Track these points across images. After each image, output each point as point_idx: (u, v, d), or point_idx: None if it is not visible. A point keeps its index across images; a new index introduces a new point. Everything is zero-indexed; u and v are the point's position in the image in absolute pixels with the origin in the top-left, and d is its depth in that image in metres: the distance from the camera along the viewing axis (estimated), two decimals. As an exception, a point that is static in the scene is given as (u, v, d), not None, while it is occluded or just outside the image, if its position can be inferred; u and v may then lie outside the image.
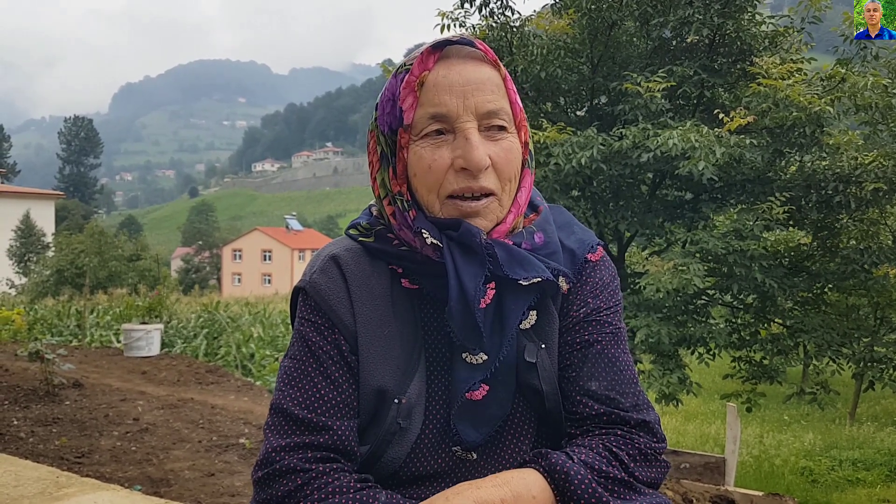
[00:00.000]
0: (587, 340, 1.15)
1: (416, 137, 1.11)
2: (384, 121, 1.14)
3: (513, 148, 1.12)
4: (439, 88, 1.09)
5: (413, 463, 1.12)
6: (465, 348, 1.10)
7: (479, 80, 1.09)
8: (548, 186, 8.44)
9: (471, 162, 1.07)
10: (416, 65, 1.10)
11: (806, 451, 11.22)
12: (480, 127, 1.09)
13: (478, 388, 1.10)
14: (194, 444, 5.14)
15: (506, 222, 1.13)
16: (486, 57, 1.12)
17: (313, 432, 1.07)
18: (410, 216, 1.12)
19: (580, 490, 1.01)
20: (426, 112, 1.09)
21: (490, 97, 1.09)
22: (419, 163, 1.10)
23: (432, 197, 1.11)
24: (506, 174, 1.11)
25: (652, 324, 7.99)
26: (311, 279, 1.16)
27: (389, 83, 1.14)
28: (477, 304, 1.06)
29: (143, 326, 9.79)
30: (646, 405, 1.14)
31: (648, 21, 9.01)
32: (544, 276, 1.10)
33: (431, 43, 1.11)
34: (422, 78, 1.10)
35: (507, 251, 1.10)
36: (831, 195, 8.07)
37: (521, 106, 1.15)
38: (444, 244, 1.08)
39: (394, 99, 1.12)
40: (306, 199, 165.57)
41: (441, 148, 1.09)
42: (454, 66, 1.09)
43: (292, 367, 1.12)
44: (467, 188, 1.09)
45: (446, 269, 1.07)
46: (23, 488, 3.38)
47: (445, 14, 9.27)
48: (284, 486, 1.04)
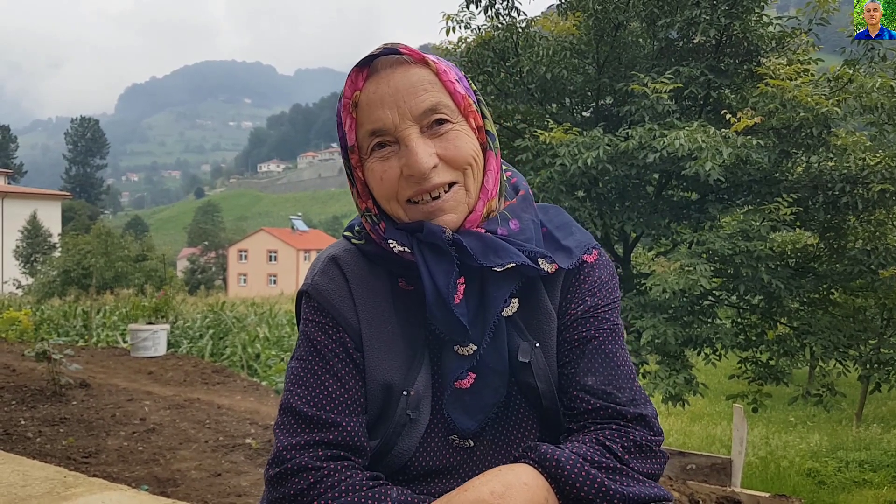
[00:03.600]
0: (584, 337, 1.16)
1: (366, 155, 1.14)
2: (340, 144, 1.18)
3: (460, 136, 1.13)
4: (371, 105, 1.11)
5: (422, 456, 1.14)
6: (456, 341, 1.13)
7: (409, 83, 1.11)
8: (553, 187, 8.43)
9: (413, 168, 1.09)
10: (347, 87, 1.14)
11: (812, 453, 11.19)
12: (423, 128, 1.11)
13: (465, 377, 1.12)
14: (201, 444, 5.15)
15: (476, 210, 1.15)
16: (412, 59, 1.13)
17: (323, 429, 1.09)
18: (381, 228, 1.15)
19: (574, 474, 1.01)
20: (365, 130, 1.12)
21: (423, 96, 1.10)
22: (373, 177, 1.14)
23: (394, 205, 1.14)
24: (459, 164, 1.12)
25: (658, 324, 7.98)
26: (313, 282, 1.18)
27: (336, 108, 1.17)
28: (452, 300, 1.08)
29: (150, 327, 9.80)
30: (643, 400, 1.15)
31: (655, 22, 9.00)
32: (518, 262, 1.11)
33: (357, 62, 1.14)
34: (354, 98, 1.13)
35: (479, 240, 1.12)
36: (838, 196, 8.05)
37: (464, 93, 1.15)
38: (413, 247, 1.11)
39: (340, 123, 1.16)
40: (311, 199, 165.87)
41: (389, 159, 1.12)
42: (383, 78, 1.11)
43: (299, 368, 1.14)
44: (420, 191, 1.11)
45: (419, 270, 1.10)
46: (31, 488, 3.39)
47: (450, 17, 9.28)
48: (297, 485, 1.05)
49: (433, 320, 1.11)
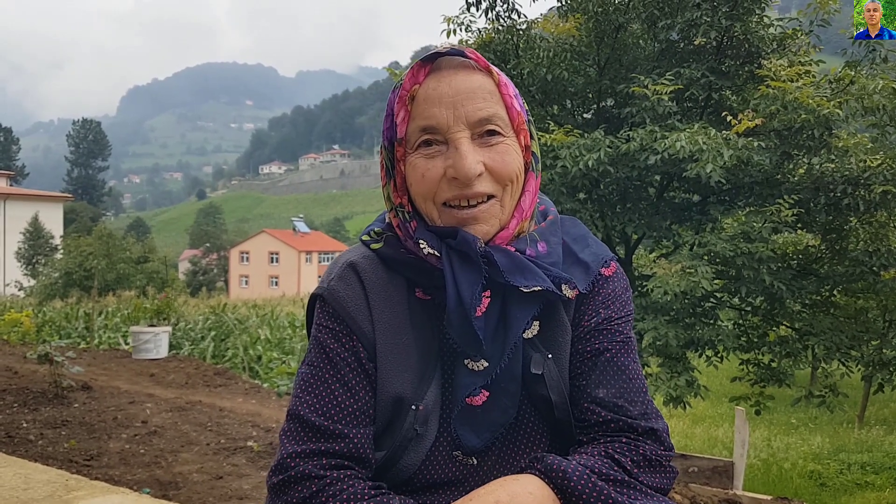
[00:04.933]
0: (597, 349, 1.16)
1: (411, 150, 1.13)
2: (385, 135, 1.17)
3: (509, 151, 1.13)
4: (429, 101, 1.11)
5: (427, 470, 1.13)
6: (467, 355, 1.12)
7: (470, 88, 1.11)
8: (554, 189, 8.43)
9: (460, 171, 1.08)
10: (407, 79, 1.13)
11: (814, 455, 11.18)
12: (474, 135, 1.11)
13: (478, 394, 1.11)
14: (202, 446, 5.15)
15: (509, 227, 1.14)
16: (477, 65, 1.13)
17: (329, 440, 1.08)
18: (412, 227, 1.14)
19: (580, 485, 1.00)
20: (417, 125, 1.12)
21: (481, 104, 1.10)
22: (414, 173, 1.13)
23: (429, 206, 1.13)
24: (503, 177, 1.12)
25: (660, 326, 7.97)
26: (330, 286, 1.16)
27: (389, 98, 1.17)
28: (473, 312, 1.07)
29: (151, 329, 9.82)
30: (655, 414, 1.14)
31: (655, 23, 8.99)
32: (544, 286, 1.10)
33: (422, 57, 1.14)
34: (412, 92, 1.12)
35: (509, 258, 1.11)
36: (840, 198, 8.03)
37: (519, 110, 1.16)
38: (443, 253, 1.10)
39: (391, 114, 1.15)
40: (313, 201, 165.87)
41: (435, 158, 1.11)
42: (444, 77, 1.11)
43: (310, 374, 1.13)
44: (460, 195, 1.10)
45: (444, 277, 1.09)
46: (32, 491, 3.40)
47: (451, 19, 9.27)
48: (299, 493, 1.04)
49: (449, 329, 1.10)
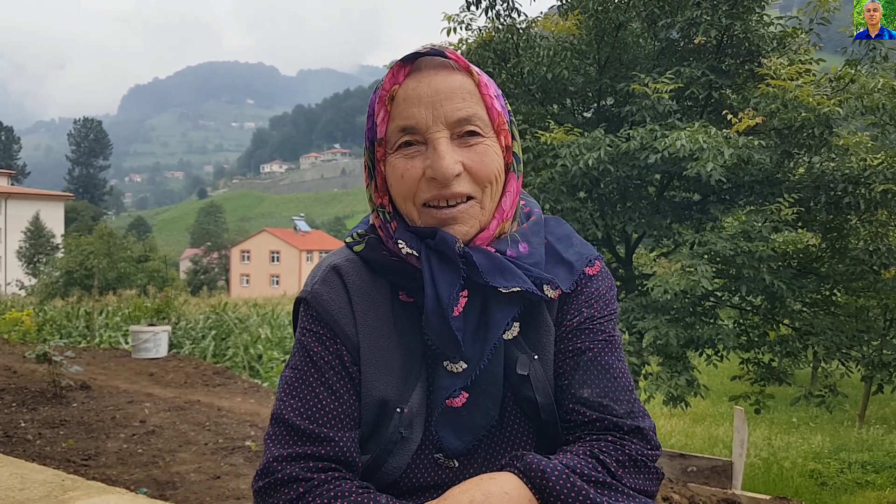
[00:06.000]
0: (579, 348, 1.15)
1: (391, 150, 1.13)
2: (366, 136, 1.17)
3: (488, 152, 1.12)
4: (408, 101, 1.10)
5: (412, 473, 1.11)
6: (446, 356, 1.10)
7: (449, 88, 1.10)
8: (555, 188, 8.42)
9: (437, 171, 1.07)
10: (387, 80, 1.13)
11: (814, 454, 11.17)
12: (453, 135, 1.10)
13: (458, 396, 1.10)
14: (200, 446, 5.15)
15: (489, 228, 1.13)
16: (457, 65, 1.12)
17: (314, 443, 1.07)
18: (392, 227, 1.14)
19: (559, 486, 0.98)
20: (397, 125, 1.11)
21: (460, 104, 1.10)
22: (394, 174, 1.12)
23: (409, 206, 1.12)
24: (482, 178, 1.11)
25: (660, 325, 7.97)
26: (313, 289, 1.15)
27: (370, 99, 1.16)
28: (450, 312, 1.06)
29: (151, 328, 9.81)
30: (641, 412, 1.12)
31: (656, 22, 8.99)
32: (524, 287, 1.09)
33: (401, 58, 1.13)
34: (392, 92, 1.12)
35: (488, 259, 1.10)
36: (840, 196, 8.02)
37: (500, 110, 1.14)
38: (422, 253, 1.09)
39: (372, 114, 1.15)
40: (314, 200, 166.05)
41: (414, 158, 1.10)
42: (424, 77, 1.11)
43: (293, 378, 1.12)
44: (439, 195, 1.10)
45: (423, 277, 1.08)
46: (28, 491, 3.39)
47: (451, 17, 9.27)
48: (286, 496, 1.03)
49: (427, 329, 1.09)
